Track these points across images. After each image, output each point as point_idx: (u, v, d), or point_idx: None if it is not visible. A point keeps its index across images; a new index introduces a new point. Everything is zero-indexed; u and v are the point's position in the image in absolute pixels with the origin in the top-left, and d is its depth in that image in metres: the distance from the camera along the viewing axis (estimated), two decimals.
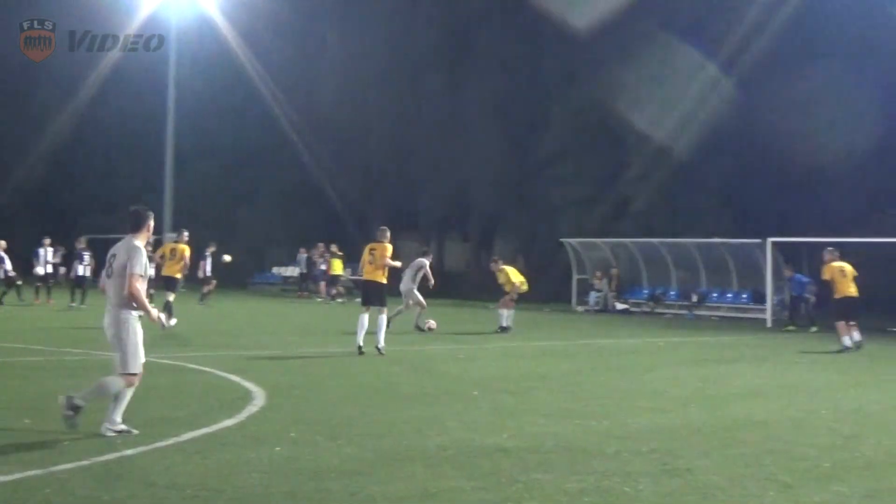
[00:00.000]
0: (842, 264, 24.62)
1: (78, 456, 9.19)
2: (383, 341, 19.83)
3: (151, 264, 11.81)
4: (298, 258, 47.78)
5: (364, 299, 20.50)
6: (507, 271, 28.19)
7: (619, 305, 41.40)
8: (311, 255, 46.12)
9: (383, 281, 20.32)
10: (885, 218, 40.11)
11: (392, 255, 20.50)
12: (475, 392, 14.48)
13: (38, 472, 8.55)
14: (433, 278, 27.18)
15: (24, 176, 62.46)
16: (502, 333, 26.64)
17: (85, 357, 17.91)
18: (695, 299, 40.09)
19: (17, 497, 7.78)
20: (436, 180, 56.22)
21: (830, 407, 13.85)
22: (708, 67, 43.70)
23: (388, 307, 20.36)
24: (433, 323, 26.41)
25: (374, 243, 20.66)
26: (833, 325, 24.72)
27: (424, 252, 28.30)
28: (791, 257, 36.44)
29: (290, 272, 51.57)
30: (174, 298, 25.72)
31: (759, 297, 37.34)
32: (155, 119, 54.03)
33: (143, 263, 10.58)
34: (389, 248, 20.47)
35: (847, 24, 41.14)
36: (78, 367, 16.34)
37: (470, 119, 53.72)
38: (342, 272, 44.13)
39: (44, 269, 35.31)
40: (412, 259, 27.25)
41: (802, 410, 13.43)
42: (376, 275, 20.30)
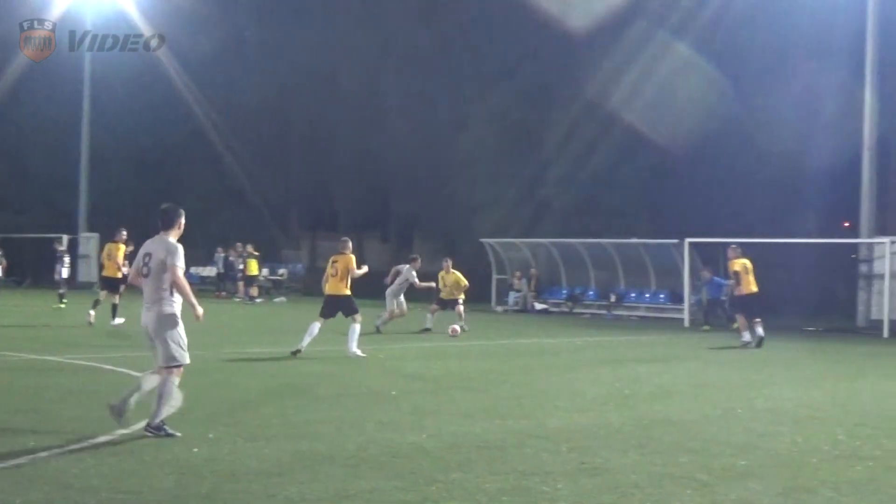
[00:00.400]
0: (745, 261, 25.41)
1: None
2: (356, 346, 19.69)
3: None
4: (216, 258, 47.37)
5: (324, 311, 20.21)
6: (457, 275, 28.31)
7: (539, 305, 41.53)
8: (229, 254, 45.81)
9: (347, 293, 20.16)
10: (801, 220, 40.65)
11: (357, 264, 20.50)
12: (394, 392, 14.45)
13: None
14: (422, 283, 27.54)
15: None
16: (423, 334, 26.76)
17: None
18: (613, 299, 40.35)
19: None
20: (355, 180, 56.13)
21: (746, 405, 14.00)
22: (629, 69, 43.93)
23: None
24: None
25: (336, 255, 20.45)
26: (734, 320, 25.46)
27: (412, 259, 28.38)
28: (709, 258, 36.82)
29: (207, 272, 51.11)
30: (118, 299, 25.78)
31: (676, 298, 37.65)
32: (70, 118, 53.37)
33: (183, 259, 10.68)
34: (353, 258, 20.31)
35: (743, 26, 41.57)
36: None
37: (389, 119, 53.66)
38: (258, 272, 43.96)
39: None
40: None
41: (718, 409, 13.56)
42: (339, 288, 20.12)
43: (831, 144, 38.44)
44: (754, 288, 25.19)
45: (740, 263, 25.22)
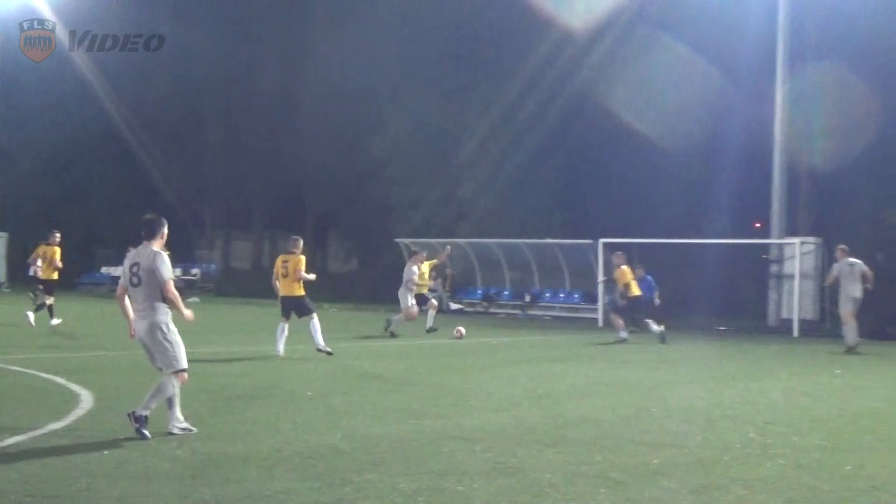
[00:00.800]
0: (626, 268, 27.07)
1: None
2: (322, 341, 19.63)
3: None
4: (127, 258, 46.75)
5: (282, 312, 20.11)
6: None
7: (454, 305, 41.57)
8: None
9: (301, 293, 20.00)
10: (713, 220, 41.08)
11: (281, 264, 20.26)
12: (309, 393, 14.38)
13: None
14: (430, 280, 28.03)
15: None
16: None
17: None
18: (528, 299, 40.54)
19: None
20: (270, 179, 55.90)
21: (659, 404, 14.11)
22: (546, 72, 44.07)
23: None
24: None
25: (286, 255, 20.23)
26: (650, 321, 26.77)
27: (413, 254, 28.43)
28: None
29: (119, 272, 50.48)
30: (52, 300, 25.50)
31: (590, 298, 37.91)
32: None
33: (170, 267, 11.12)
34: (303, 259, 20.04)
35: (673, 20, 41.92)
36: None
37: (305, 118, 53.44)
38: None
39: None
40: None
41: (632, 408, 13.64)
42: (293, 288, 19.93)
43: (743, 145, 38.91)
44: (639, 291, 27.01)
45: (629, 269, 27.02)
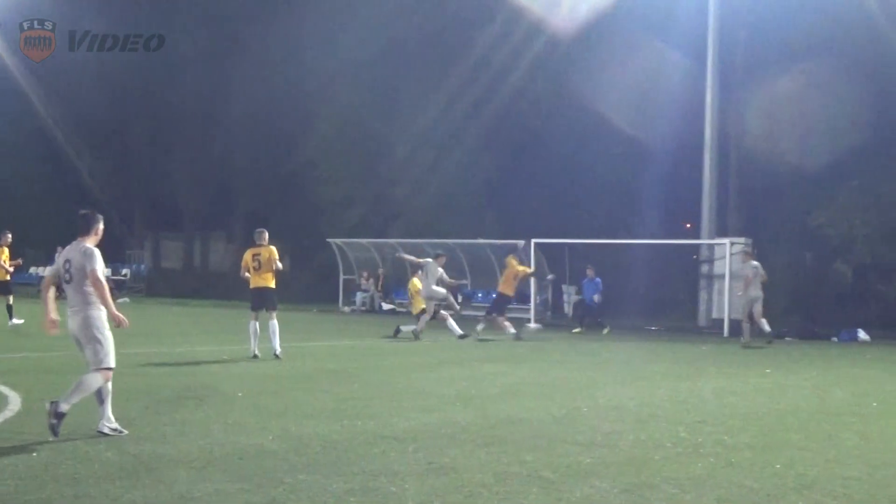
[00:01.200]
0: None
1: None
2: (279, 346, 19.57)
3: None
4: (56, 258, 46.29)
5: (253, 306, 19.97)
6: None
7: (386, 306, 41.59)
8: None
9: (272, 286, 19.92)
10: (643, 220, 41.40)
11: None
12: (240, 393, 14.31)
13: None
14: (450, 279, 28.30)
15: None
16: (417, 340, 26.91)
17: None
18: (460, 300, 40.56)
19: None
20: (199, 179, 55.52)
21: (590, 404, 14.18)
22: (478, 74, 44.14)
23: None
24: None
25: (255, 248, 20.03)
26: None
27: (437, 255, 28.34)
28: (557, 258, 37.34)
29: (48, 272, 49.92)
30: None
31: (523, 298, 38.00)
32: None
33: (101, 263, 10.99)
34: (274, 250, 19.95)
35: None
36: None
37: (234, 118, 53.16)
38: None
39: None
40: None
41: (564, 408, 13.69)
42: (266, 280, 19.85)
43: (673, 146, 39.22)
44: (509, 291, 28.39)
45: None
